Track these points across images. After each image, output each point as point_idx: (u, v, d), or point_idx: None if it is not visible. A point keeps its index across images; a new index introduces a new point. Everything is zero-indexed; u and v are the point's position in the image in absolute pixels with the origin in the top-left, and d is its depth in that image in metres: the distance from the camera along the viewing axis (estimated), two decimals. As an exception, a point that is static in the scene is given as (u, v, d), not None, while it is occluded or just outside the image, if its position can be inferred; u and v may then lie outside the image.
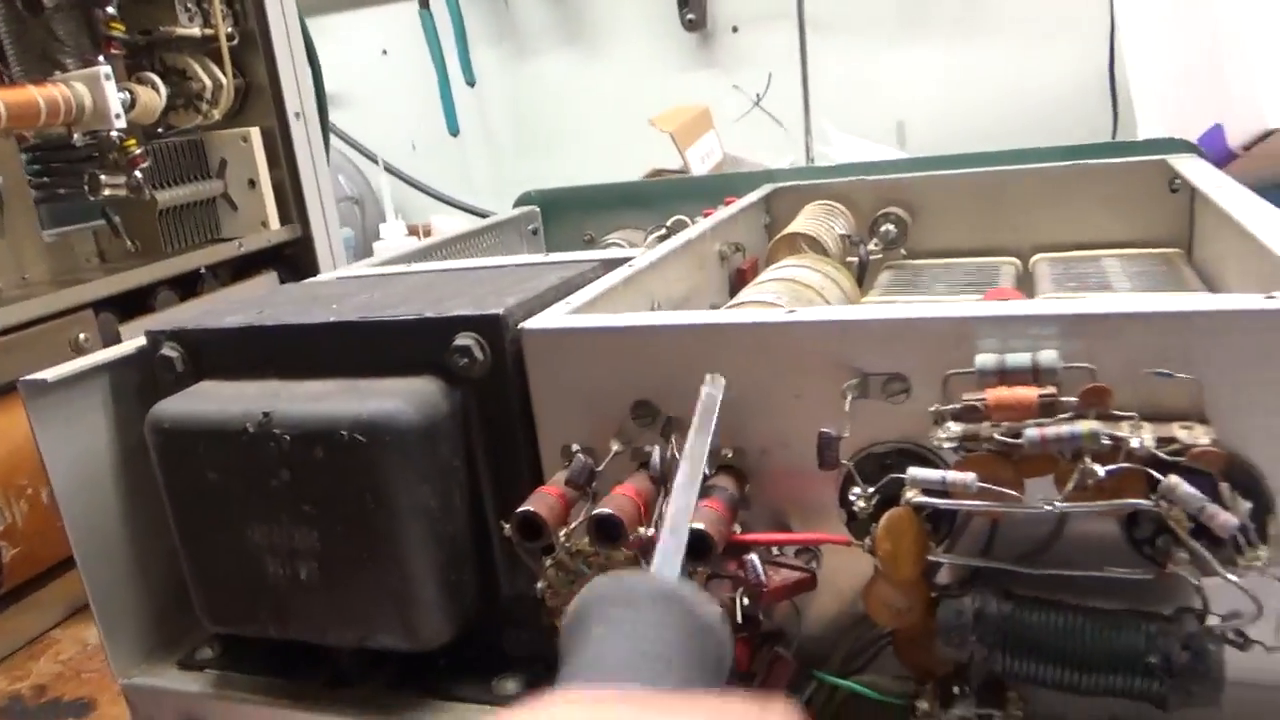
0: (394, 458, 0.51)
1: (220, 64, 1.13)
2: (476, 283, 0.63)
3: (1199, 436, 0.40)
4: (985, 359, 0.43)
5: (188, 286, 1.17)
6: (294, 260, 1.23)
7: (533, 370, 0.54)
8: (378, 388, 0.54)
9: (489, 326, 0.54)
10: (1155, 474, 0.40)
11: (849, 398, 0.47)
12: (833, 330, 0.47)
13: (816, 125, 1.94)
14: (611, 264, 0.67)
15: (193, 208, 1.17)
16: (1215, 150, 1.02)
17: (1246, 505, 0.40)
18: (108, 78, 0.93)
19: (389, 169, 1.96)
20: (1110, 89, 1.64)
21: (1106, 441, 0.40)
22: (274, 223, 1.20)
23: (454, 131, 2.18)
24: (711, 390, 0.46)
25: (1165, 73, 1.13)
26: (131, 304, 1.08)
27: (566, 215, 1.19)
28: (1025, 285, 0.88)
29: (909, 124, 1.89)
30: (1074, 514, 0.45)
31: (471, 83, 2.16)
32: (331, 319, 0.58)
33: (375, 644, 0.55)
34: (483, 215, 1.93)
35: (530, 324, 0.54)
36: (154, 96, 1.05)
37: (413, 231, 1.92)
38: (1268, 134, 0.97)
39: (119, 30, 1.01)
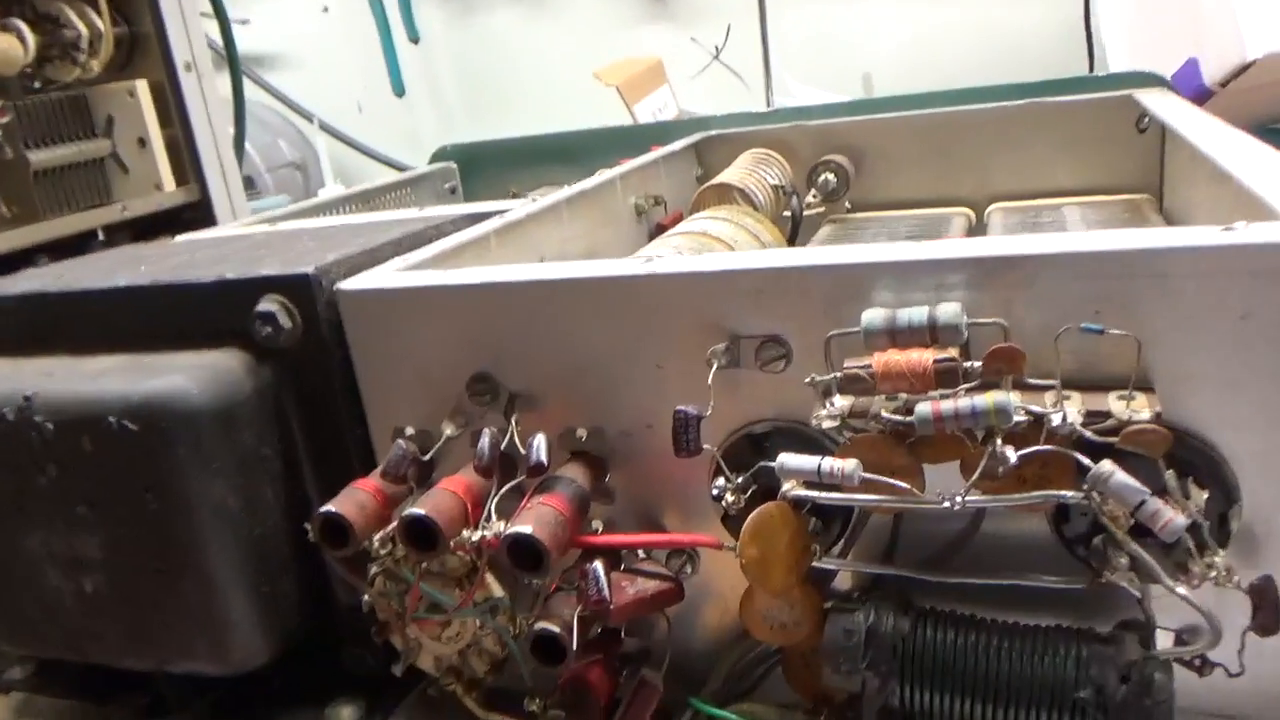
0: (177, 448, 0.42)
1: (98, 9, 1.02)
2: (311, 239, 0.53)
3: (1139, 410, 0.31)
4: (872, 316, 0.34)
5: (75, 254, 1.07)
6: (194, 225, 1.12)
7: (354, 338, 0.45)
8: (163, 364, 0.44)
9: (297, 288, 0.44)
10: (1084, 459, 0.31)
11: (715, 366, 0.38)
12: (696, 284, 0.38)
13: (778, 79, 1.83)
14: (480, 218, 0.58)
15: (76, 169, 1.06)
16: (1190, 87, 0.92)
17: (1201, 497, 0.32)
18: (-49, 21, 0.83)
19: (328, 129, 1.85)
20: (1085, 30, 1.53)
21: (1022, 418, 0.31)
22: (169, 184, 1.09)
23: (399, 92, 2.07)
24: None
25: (1137, 3, 1.03)
26: (8, 272, 0.98)
27: (488, 171, 1.10)
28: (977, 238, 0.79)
29: (876, 75, 1.79)
30: (994, 511, 0.36)
31: (415, 39, 2.04)
32: (123, 283, 0.48)
33: (179, 669, 0.47)
34: (429, 180, 1.83)
35: (348, 284, 0.44)
36: (17, 45, 0.94)
37: (354, 197, 1.82)
38: (1246, 67, 0.88)
39: (-29, -31, 0.90)
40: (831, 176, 0.87)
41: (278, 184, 1.96)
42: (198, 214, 1.13)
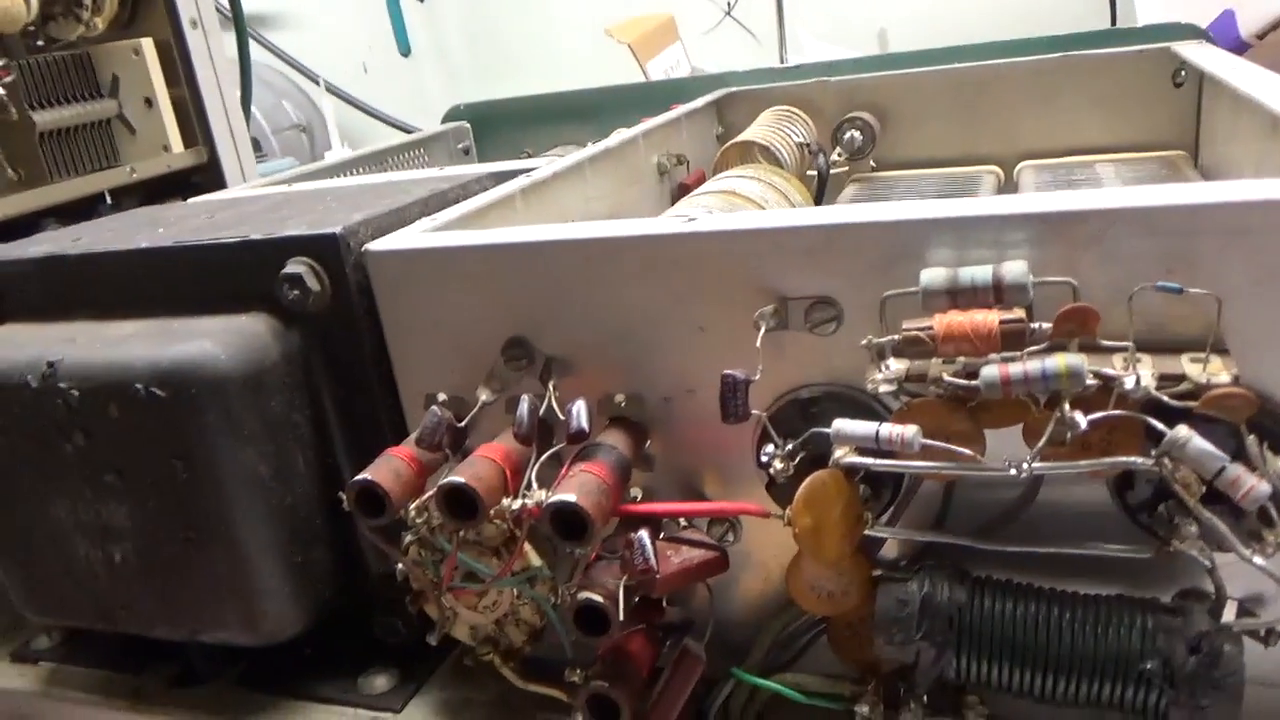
0: (206, 414, 0.41)
1: (101, -36, 0.99)
2: (334, 200, 0.52)
3: (1217, 373, 0.30)
4: (932, 274, 0.32)
5: (85, 218, 1.05)
6: (203, 188, 1.10)
7: (383, 302, 0.44)
8: (190, 328, 0.43)
9: (324, 249, 0.43)
10: (1157, 424, 0.29)
11: (763, 329, 0.36)
12: (741, 242, 0.37)
13: (791, 35, 1.79)
14: (506, 177, 0.56)
15: (82, 130, 1.04)
16: (1225, 39, 0.90)
17: (1278, 463, 0.30)
18: (-50, -24, 0.80)
19: (334, 91, 1.82)
20: (1108, -17, 1.50)
21: (1092, 381, 0.30)
22: (176, 145, 1.07)
23: (405, 52, 2.03)
24: None
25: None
26: (16, 237, 0.97)
27: (503, 130, 1.07)
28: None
29: (891, 30, 1.75)
30: (1050, 477, 0.35)
31: (422, -3, 2.00)
32: (146, 245, 0.47)
33: (211, 639, 0.46)
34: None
35: (376, 245, 0.43)
36: (17, 1, 0.92)
37: (361, 159, 1.79)
38: (1285, 18, 0.85)
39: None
40: (857, 134, 0.84)
41: (283, 146, 1.93)
42: (206, 177, 1.11)
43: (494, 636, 0.44)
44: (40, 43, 1.04)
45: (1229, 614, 0.32)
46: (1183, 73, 0.76)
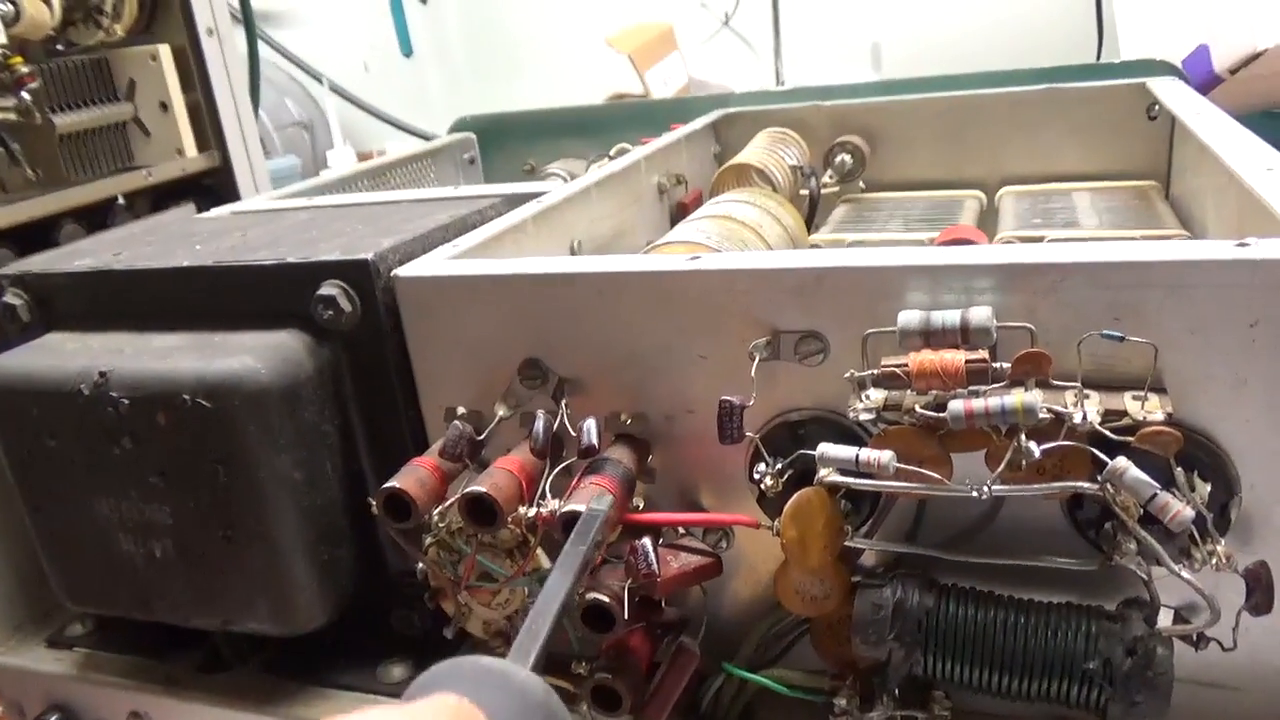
0: (246, 424, 0.45)
1: (121, -27, 1.02)
2: (358, 221, 0.56)
3: (1153, 410, 0.34)
4: (908, 317, 0.36)
5: (98, 220, 1.09)
6: (214, 191, 1.13)
7: (409, 323, 0.47)
8: (231, 343, 0.47)
9: (356, 273, 0.47)
10: (1101, 455, 0.34)
11: (757, 359, 0.40)
12: (740, 281, 0.41)
13: (787, 48, 1.83)
14: (519, 200, 0.60)
15: (99, 133, 1.07)
16: (1200, 73, 0.94)
17: (1205, 489, 0.35)
18: (-20, -14, 0.84)
19: (336, 90, 1.85)
20: (1096, 8, 1.54)
21: (1044, 415, 0.34)
22: (190, 149, 1.11)
23: (407, 52, 2.06)
24: (596, 506, 0.40)
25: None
26: (33, 239, 1.00)
27: (507, 142, 1.11)
28: (989, 221, 0.81)
29: (884, 46, 1.79)
30: (1009, 498, 0.39)
31: (425, -1, 2.04)
32: (187, 263, 0.50)
33: (242, 628, 0.50)
34: (437, 142, 1.83)
35: (404, 271, 0.47)
36: (42, 9, 0.95)
37: (363, 158, 1.82)
38: (1256, 56, 0.89)
39: (0, -66, 0.91)
40: (848, 157, 0.89)
41: (285, 143, 1.96)
42: (218, 180, 1.15)
43: (505, 631, 0.48)
44: (59, 47, 1.07)
45: (1164, 620, 0.36)
46: (1156, 107, 0.81)
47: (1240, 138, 0.57)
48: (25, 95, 0.93)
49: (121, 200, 1.10)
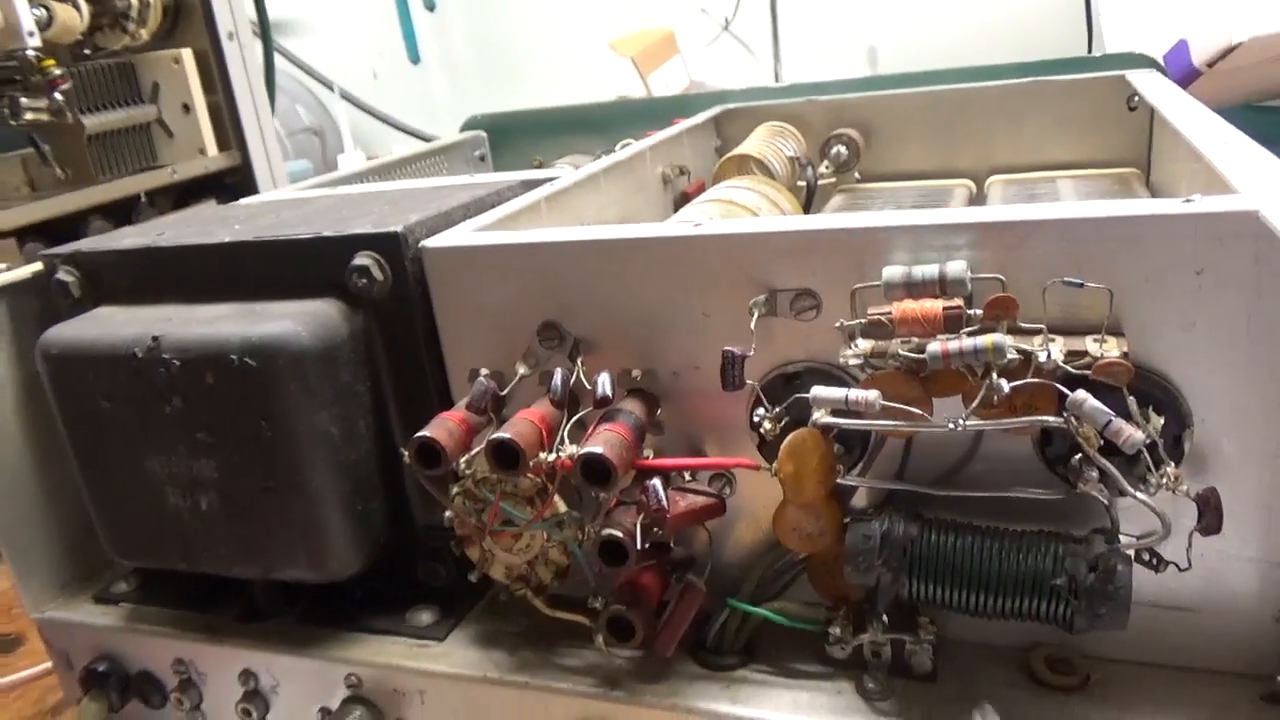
0: (288, 383, 0.49)
1: (146, -20, 1.07)
2: (385, 203, 0.60)
3: (1110, 350, 0.38)
4: (891, 271, 0.40)
5: (123, 216, 1.13)
6: (235, 189, 1.18)
7: (436, 290, 0.52)
8: (273, 310, 0.51)
9: (388, 245, 0.51)
10: (1065, 390, 0.38)
11: (756, 315, 0.44)
12: (739, 244, 0.45)
13: (785, 51, 1.88)
14: (533, 184, 0.64)
15: (125, 133, 1.12)
16: (1180, 66, 0.98)
17: (1159, 422, 0.39)
18: (17, -8, 0.88)
19: (346, 97, 1.89)
20: (1085, 7, 1.59)
21: (1014, 355, 0.38)
22: (211, 149, 1.15)
23: (415, 59, 2.11)
24: None
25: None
26: (63, 234, 1.04)
27: (515, 140, 1.15)
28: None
29: (880, 48, 1.84)
30: (990, 435, 0.43)
31: (431, 7, 2.08)
32: (229, 239, 0.55)
33: (282, 576, 0.54)
34: (444, 145, 1.88)
35: (431, 242, 0.51)
36: (74, 14, 1.00)
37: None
38: (1231, 49, 0.94)
39: (33, -57, 0.96)
40: (843, 149, 0.93)
41: (296, 148, 2.01)
42: (238, 178, 1.19)
43: (525, 575, 0.51)
44: (86, 52, 1.12)
45: (1124, 542, 0.40)
46: (1135, 98, 0.85)
47: (1209, 123, 0.61)
48: (58, 96, 0.97)
49: (144, 198, 1.15)
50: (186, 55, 1.12)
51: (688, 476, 0.49)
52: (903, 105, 0.94)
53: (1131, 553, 0.39)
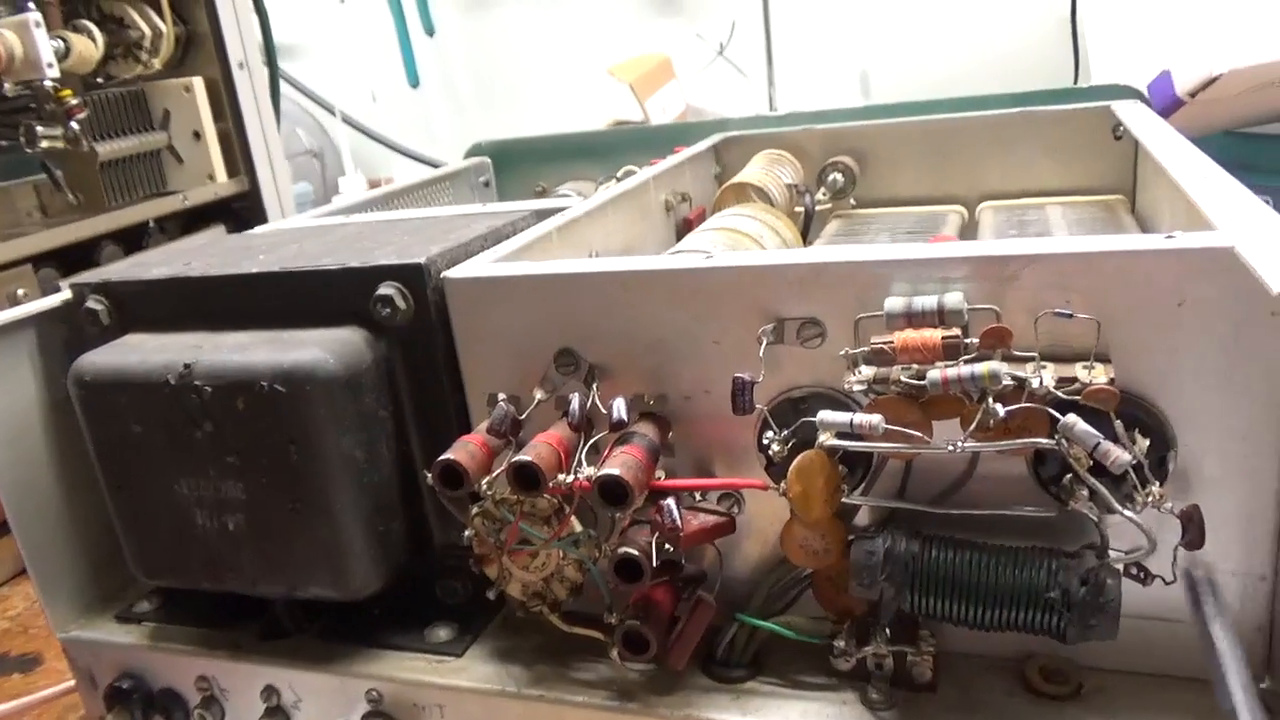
0: (316, 408, 0.51)
1: (159, 11, 1.10)
2: (404, 233, 0.62)
3: (1098, 377, 0.41)
4: (893, 302, 0.43)
5: (134, 241, 1.16)
6: (243, 214, 1.21)
7: (456, 319, 0.54)
8: (300, 338, 0.53)
9: (411, 275, 0.53)
10: (1056, 414, 0.40)
11: (764, 343, 0.47)
12: (749, 276, 0.47)
13: (779, 75, 1.92)
14: (544, 214, 0.67)
15: (136, 160, 1.15)
16: (1163, 97, 1.02)
17: (1144, 444, 0.41)
18: (37, 25, 0.91)
19: (347, 120, 1.92)
20: (1072, 36, 1.63)
21: (1008, 382, 0.40)
22: (220, 175, 1.18)
23: (414, 83, 2.15)
24: None
25: (1120, 18, 1.13)
26: (75, 259, 1.06)
27: (519, 166, 1.18)
28: (969, 234, 0.89)
29: (873, 74, 1.88)
30: (986, 456, 0.45)
31: (431, 32, 2.12)
32: (256, 270, 0.57)
33: (305, 594, 0.56)
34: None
35: (452, 273, 0.53)
36: (90, 45, 1.02)
37: (373, 185, 1.90)
38: (1213, 80, 0.97)
39: (50, -24, 0.98)
40: (839, 176, 0.96)
41: (296, 171, 2.03)
42: (247, 204, 1.22)
43: (541, 592, 0.54)
44: (99, 80, 1.14)
45: (1113, 557, 0.42)
46: (1121, 128, 0.88)
47: (1187, 155, 0.64)
48: (74, 125, 1.00)
49: (153, 224, 1.17)
50: (197, 83, 1.15)
51: (698, 496, 0.51)
52: (897, 134, 0.98)
53: (1120, 567, 0.42)
